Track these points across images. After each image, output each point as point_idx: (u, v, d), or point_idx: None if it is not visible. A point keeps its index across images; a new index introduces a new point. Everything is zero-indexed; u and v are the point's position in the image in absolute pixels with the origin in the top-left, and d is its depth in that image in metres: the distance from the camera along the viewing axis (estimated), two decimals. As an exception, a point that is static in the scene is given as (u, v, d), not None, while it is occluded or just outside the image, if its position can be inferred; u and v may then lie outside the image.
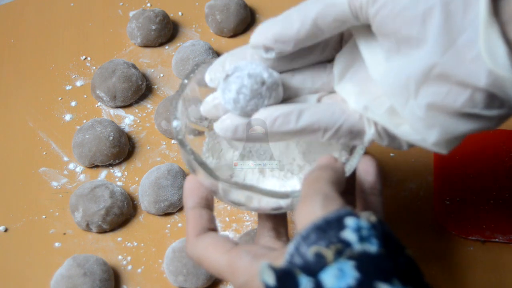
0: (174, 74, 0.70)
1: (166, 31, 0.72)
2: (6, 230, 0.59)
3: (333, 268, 0.29)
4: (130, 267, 0.57)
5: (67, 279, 0.53)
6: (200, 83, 0.43)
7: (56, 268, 0.55)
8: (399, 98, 0.36)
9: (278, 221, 0.43)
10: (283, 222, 0.43)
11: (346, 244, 0.30)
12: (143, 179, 0.60)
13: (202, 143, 0.46)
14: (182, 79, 0.44)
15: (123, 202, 0.59)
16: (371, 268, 0.29)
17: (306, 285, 0.29)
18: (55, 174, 0.63)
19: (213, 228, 0.40)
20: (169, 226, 0.59)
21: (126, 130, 0.66)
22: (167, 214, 0.60)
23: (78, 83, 0.70)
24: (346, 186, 0.37)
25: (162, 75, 0.70)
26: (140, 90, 0.67)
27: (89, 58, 0.72)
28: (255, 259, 0.35)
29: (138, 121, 0.67)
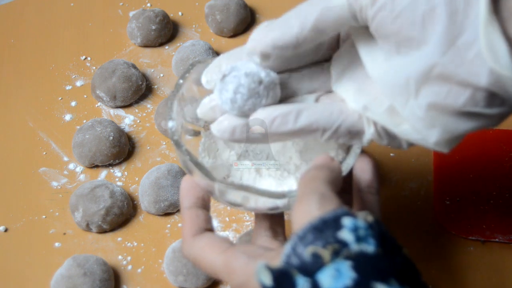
0: (174, 74, 0.70)
1: (166, 31, 0.72)
2: (6, 230, 0.59)
3: (330, 268, 0.29)
4: (130, 267, 0.57)
5: (67, 279, 0.53)
6: (196, 83, 0.43)
7: (56, 268, 0.55)
8: (399, 98, 0.35)
9: (275, 220, 0.42)
10: (280, 222, 0.43)
11: (343, 244, 0.30)
12: (143, 179, 0.60)
13: (198, 143, 0.46)
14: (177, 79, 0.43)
15: (123, 202, 0.59)
16: (368, 268, 0.29)
17: (303, 285, 0.29)
18: (55, 174, 0.63)
19: (209, 228, 0.40)
20: (169, 226, 0.59)
21: (126, 130, 0.66)
22: (167, 214, 0.60)
23: (78, 83, 0.70)
24: (343, 185, 0.37)
25: (162, 75, 0.70)
26: (140, 90, 0.67)
27: (89, 58, 0.72)
28: (252, 260, 0.35)
29: (138, 121, 0.67)
